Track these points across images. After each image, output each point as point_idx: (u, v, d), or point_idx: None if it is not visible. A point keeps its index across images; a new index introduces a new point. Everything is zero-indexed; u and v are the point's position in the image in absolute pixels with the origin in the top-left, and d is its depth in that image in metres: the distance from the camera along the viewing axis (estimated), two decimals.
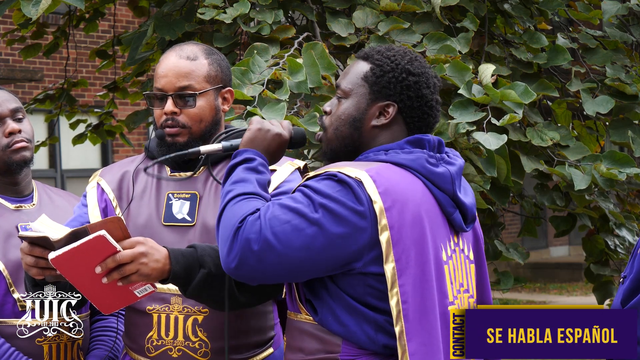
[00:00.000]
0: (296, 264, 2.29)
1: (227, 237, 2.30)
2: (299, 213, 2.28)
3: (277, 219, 2.28)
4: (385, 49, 2.49)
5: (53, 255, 2.34)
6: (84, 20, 6.43)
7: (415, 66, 2.45)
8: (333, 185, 2.31)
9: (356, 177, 2.31)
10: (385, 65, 2.44)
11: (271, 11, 4.43)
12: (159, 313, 2.72)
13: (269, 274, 2.30)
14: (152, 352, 2.73)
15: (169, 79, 2.71)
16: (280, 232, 2.27)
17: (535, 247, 16.80)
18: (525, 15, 5.05)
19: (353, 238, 2.29)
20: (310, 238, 2.27)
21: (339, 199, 2.29)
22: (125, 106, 10.09)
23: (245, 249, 2.27)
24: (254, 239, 2.26)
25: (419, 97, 2.43)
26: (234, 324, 2.73)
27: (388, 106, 2.43)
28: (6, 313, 2.89)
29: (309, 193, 2.31)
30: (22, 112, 3.03)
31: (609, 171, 4.23)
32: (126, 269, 2.40)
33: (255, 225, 2.27)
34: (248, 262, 2.27)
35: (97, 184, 2.86)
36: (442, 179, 2.41)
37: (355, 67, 2.48)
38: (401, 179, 2.36)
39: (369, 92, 2.44)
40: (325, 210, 2.28)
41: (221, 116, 2.80)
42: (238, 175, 2.42)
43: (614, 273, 5.20)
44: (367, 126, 2.44)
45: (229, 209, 2.35)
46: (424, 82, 2.44)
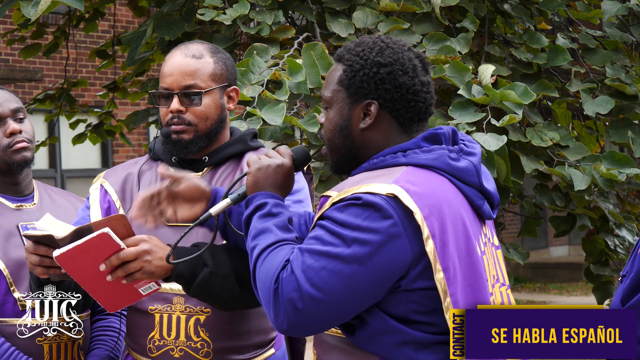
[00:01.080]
0: (346, 306, 2.16)
1: (268, 301, 2.17)
2: (331, 256, 2.14)
3: (311, 269, 2.14)
4: (355, 45, 2.35)
5: (57, 253, 2.35)
6: (84, 20, 6.44)
7: (386, 55, 2.30)
8: (358, 212, 2.16)
9: (387, 194, 2.17)
10: (355, 64, 2.30)
11: (271, 12, 4.43)
12: (161, 313, 2.72)
13: (324, 323, 2.18)
14: (154, 352, 2.74)
15: (175, 77, 2.72)
16: (318, 282, 2.13)
17: (535, 247, 16.81)
18: (525, 15, 5.05)
19: (395, 260, 2.15)
20: (351, 278, 2.14)
21: (368, 227, 2.15)
22: (125, 106, 10.09)
23: (290, 310, 2.14)
24: (296, 298, 2.13)
25: (396, 87, 2.28)
26: (236, 324, 2.73)
27: (369, 105, 2.30)
28: (7, 313, 2.89)
29: (335, 229, 2.17)
30: (23, 112, 3.03)
31: (608, 172, 4.23)
32: (130, 267, 2.40)
33: (292, 283, 2.14)
34: (298, 321, 2.14)
35: (100, 185, 2.87)
36: (467, 173, 2.29)
37: (332, 73, 2.36)
38: (430, 182, 2.24)
39: (347, 96, 2.31)
40: (358, 243, 2.14)
41: (226, 114, 2.81)
42: (255, 227, 2.29)
43: (613, 273, 5.20)
44: (356, 131, 2.32)
45: (260, 269, 2.22)
46: (398, 70, 2.29)
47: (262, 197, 2.33)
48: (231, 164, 2.83)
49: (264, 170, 2.37)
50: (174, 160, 2.82)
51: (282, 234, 2.26)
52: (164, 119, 2.76)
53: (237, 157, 2.84)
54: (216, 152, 2.81)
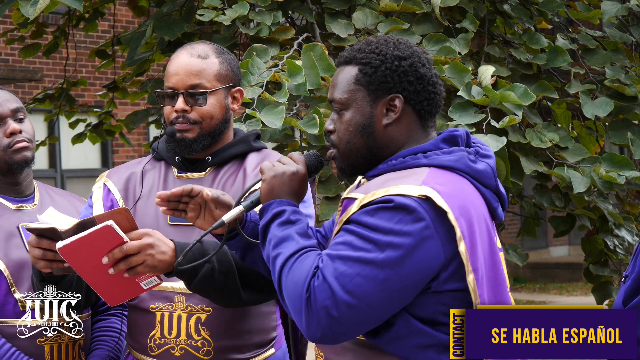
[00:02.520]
0: (380, 311, 2.14)
1: (299, 310, 2.14)
2: (365, 261, 2.12)
3: (345, 276, 2.11)
4: (365, 44, 2.33)
5: (61, 245, 2.35)
6: (84, 20, 6.44)
7: (403, 49, 2.30)
8: (390, 215, 2.14)
9: (419, 195, 2.15)
10: (374, 60, 2.29)
11: (270, 13, 4.43)
12: (162, 311, 2.73)
13: (358, 330, 2.16)
14: (154, 350, 2.74)
15: (180, 77, 2.73)
16: (353, 288, 2.10)
17: (535, 247, 16.81)
18: (525, 16, 5.05)
19: (428, 262, 2.14)
20: (386, 282, 2.12)
21: (401, 230, 2.12)
22: (125, 106, 10.09)
23: (324, 318, 2.11)
24: (330, 306, 2.10)
25: (418, 78, 2.28)
26: (237, 323, 2.74)
27: (393, 99, 2.28)
28: (7, 313, 2.89)
29: (367, 234, 2.14)
30: (23, 112, 3.04)
31: (608, 174, 4.23)
32: (133, 260, 2.40)
33: (325, 290, 2.11)
34: (332, 329, 2.12)
35: (103, 184, 2.88)
36: (485, 175, 2.29)
37: (342, 75, 2.33)
38: (456, 184, 2.23)
39: (368, 94, 2.29)
40: (391, 247, 2.12)
41: (230, 115, 2.82)
42: (275, 234, 2.25)
43: (613, 273, 5.19)
44: (379, 128, 2.29)
45: (286, 277, 2.18)
46: (417, 61, 2.29)
47: (279, 204, 2.29)
48: (234, 164, 2.83)
49: (279, 177, 2.32)
50: (177, 160, 2.82)
51: (304, 241, 2.22)
52: (169, 118, 2.77)
53: (240, 157, 2.85)
54: (219, 152, 2.82)
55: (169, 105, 2.76)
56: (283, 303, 2.21)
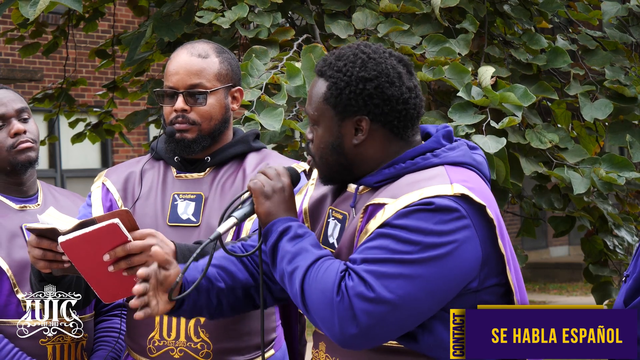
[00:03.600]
0: (421, 311, 2.12)
1: (330, 316, 2.10)
2: (406, 262, 2.10)
3: (385, 276, 2.08)
4: (336, 59, 2.26)
5: (63, 239, 2.34)
6: (84, 20, 6.43)
7: (370, 68, 2.22)
8: (429, 216, 2.12)
9: (455, 194, 2.14)
10: (339, 82, 2.22)
11: (269, 14, 4.42)
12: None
13: (397, 331, 2.14)
14: (153, 352, 2.74)
15: (180, 76, 2.73)
16: (396, 289, 2.08)
17: (535, 247, 16.81)
18: (525, 16, 5.05)
19: (469, 260, 2.14)
20: (429, 282, 2.10)
21: (442, 230, 2.11)
22: (125, 106, 10.09)
23: (364, 319, 2.08)
24: (370, 307, 2.07)
25: (385, 100, 2.22)
26: (236, 325, 2.73)
27: (360, 121, 2.23)
28: (10, 313, 2.89)
29: (406, 236, 2.11)
30: (28, 112, 3.03)
31: (607, 175, 4.23)
32: (134, 260, 2.39)
33: (364, 292, 2.08)
34: (371, 330, 2.09)
35: (102, 184, 2.87)
36: (483, 167, 2.30)
37: (315, 88, 2.28)
38: (474, 178, 2.23)
39: (335, 114, 2.24)
40: (433, 247, 2.11)
41: (230, 115, 2.82)
42: (288, 250, 2.21)
43: (612, 274, 5.19)
44: (349, 147, 2.25)
45: (310, 287, 2.14)
46: (384, 82, 2.22)
47: (282, 222, 2.25)
48: (233, 164, 2.83)
49: (272, 197, 2.28)
50: (176, 160, 2.82)
51: (318, 251, 2.19)
52: (168, 117, 2.76)
53: (240, 157, 2.84)
54: (219, 152, 2.81)
55: (168, 104, 2.76)
56: (308, 315, 2.16)
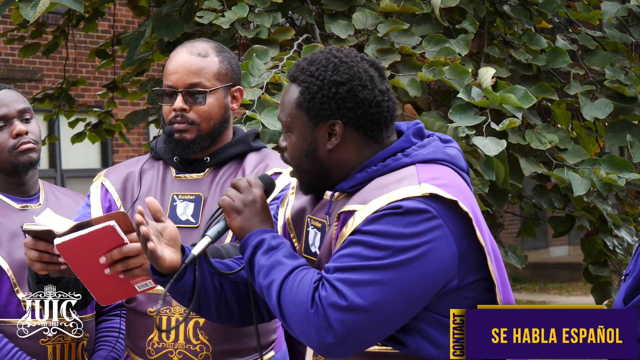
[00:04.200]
0: (398, 316, 2.11)
1: (307, 327, 2.10)
2: (377, 268, 2.08)
3: (358, 284, 2.07)
4: (308, 64, 2.25)
5: (59, 241, 2.33)
6: (84, 20, 6.44)
7: (342, 72, 2.21)
8: (399, 220, 2.11)
9: (424, 194, 2.12)
10: (312, 86, 2.21)
11: (269, 14, 4.42)
12: (161, 315, 2.71)
13: (375, 337, 2.13)
14: (152, 354, 2.73)
15: (180, 75, 2.71)
16: (368, 294, 2.07)
17: (535, 247, 16.81)
18: (525, 16, 5.05)
19: (444, 260, 2.12)
20: (402, 286, 2.08)
21: (412, 233, 2.10)
22: (125, 106, 10.09)
23: (340, 328, 2.07)
24: (344, 316, 2.07)
25: (358, 103, 2.20)
26: (236, 328, 2.72)
27: (333, 125, 2.22)
28: (10, 313, 2.89)
29: (377, 242, 2.10)
30: (30, 112, 3.03)
31: (607, 176, 4.23)
32: (131, 262, 2.38)
33: (338, 302, 2.07)
34: (349, 338, 2.08)
35: (101, 184, 2.86)
36: (459, 160, 2.28)
37: (288, 95, 2.27)
38: (445, 174, 2.21)
39: (308, 119, 2.23)
40: (404, 251, 2.09)
41: (230, 115, 2.80)
42: (262, 264, 2.21)
43: (612, 274, 5.20)
44: (323, 152, 2.24)
45: (286, 299, 2.14)
46: (357, 85, 2.20)
47: (256, 235, 2.24)
48: (233, 164, 2.81)
49: (243, 212, 2.27)
50: (175, 160, 2.81)
51: (293, 261, 2.19)
52: (167, 117, 2.75)
53: (239, 157, 2.83)
54: (218, 152, 2.80)
55: (167, 103, 2.74)
56: (288, 328, 2.16)
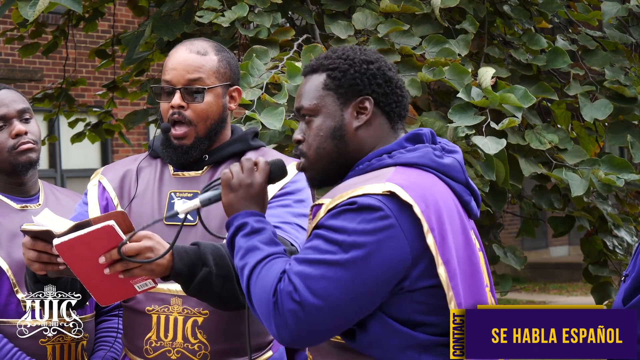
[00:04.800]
0: (349, 312, 2.15)
1: (267, 315, 2.16)
2: (329, 263, 2.13)
3: (310, 278, 2.13)
4: (332, 52, 2.37)
5: (58, 241, 2.32)
6: (83, 19, 6.44)
7: (369, 54, 2.35)
8: (353, 216, 2.15)
9: (383, 192, 2.16)
10: (342, 65, 2.32)
11: (269, 14, 4.43)
12: (159, 314, 2.71)
13: (328, 332, 2.17)
14: (150, 353, 2.72)
15: (178, 72, 2.71)
16: (319, 290, 2.12)
17: (535, 247, 16.81)
18: (525, 17, 5.05)
19: (394, 261, 2.15)
20: (351, 283, 2.13)
21: (364, 230, 2.14)
22: (125, 106, 10.09)
23: (292, 321, 2.13)
24: (297, 309, 2.12)
25: (387, 81, 2.32)
26: (234, 327, 2.72)
27: (363, 102, 2.30)
28: (10, 313, 2.89)
29: (331, 237, 2.15)
30: (30, 112, 3.03)
31: (607, 176, 4.23)
32: (130, 262, 2.38)
33: (292, 294, 2.13)
34: (301, 332, 2.13)
35: (98, 182, 2.86)
36: (453, 169, 2.30)
37: (309, 83, 2.35)
38: (421, 179, 2.24)
39: (337, 97, 2.31)
40: (355, 247, 2.13)
41: (227, 114, 2.80)
42: (241, 246, 2.27)
43: (612, 274, 5.19)
44: (350, 130, 2.31)
45: (254, 285, 2.20)
46: (384, 65, 2.34)
47: (242, 217, 2.29)
48: (231, 162, 2.81)
49: (237, 192, 2.32)
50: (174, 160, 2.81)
51: (270, 248, 2.24)
52: (165, 114, 2.74)
53: (238, 156, 2.82)
54: (216, 150, 2.80)
55: (165, 101, 2.73)
56: (254, 311, 2.23)
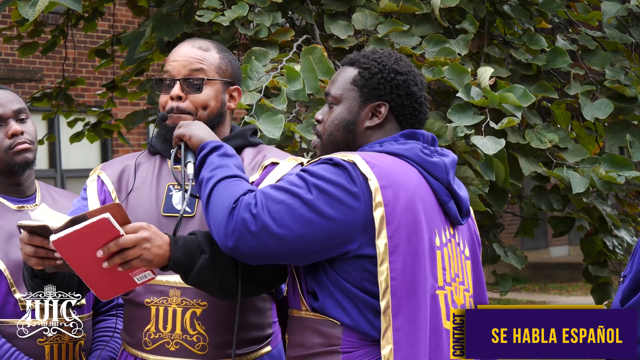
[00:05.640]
0: (292, 243, 2.34)
1: (221, 218, 2.35)
2: (293, 194, 2.35)
3: (272, 199, 2.34)
4: (371, 53, 2.57)
5: (55, 237, 2.32)
6: (83, 19, 6.43)
7: (402, 65, 2.53)
8: (328, 168, 2.38)
9: (349, 160, 2.37)
10: (373, 67, 2.52)
11: (269, 14, 4.42)
12: (157, 306, 2.71)
13: (267, 253, 2.36)
14: (149, 345, 2.72)
15: (179, 63, 2.74)
16: (274, 211, 2.33)
17: (535, 247, 16.80)
18: (525, 16, 5.05)
19: (347, 218, 2.34)
20: (304, 218, 2.33)
21: (333, 180, 2.35)
22: (125, 106, 10.09)
23: (241, 228, 2.32)
24: (249, 219, 2.32)
25: (408, 94, 2.51)
26: (232, 318, 2.71)
27: (380, 106, 2.51)
28: (7, 313, 2.89)
29: (304, 176, 2.38)
30: (26, 112, 3.03)
31: (607, 174, 4.23)
32: (128, 254, 2.39)
33: (250, 206, 2.33)
34: (245, 240, 2.33)
35: (97, 176, 2.87)
36: (436, 167, 2.47)
37: (343, 74, 2.56)
38: (396, 165, 2.42)
39: (360, 95, 2.52)
40: (319, 191, 2.34)
41: (226, 111, 2.80)
42: (214, 162, 2.47)
43: (612, 274, 5.19)
44: (361, 128, 2.52)
45: (218, 192, 2.40)
46: (411, 80, 2.52)
47: (216, 142, 2.53)
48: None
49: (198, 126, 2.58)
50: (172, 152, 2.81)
51: (240, 172, 2.46)
52: (164, 107, 2.76)
53: (236, 151, 2.83)
54: None
55: (165, 93, 2.76)
56: (206, 216, 2.41)
